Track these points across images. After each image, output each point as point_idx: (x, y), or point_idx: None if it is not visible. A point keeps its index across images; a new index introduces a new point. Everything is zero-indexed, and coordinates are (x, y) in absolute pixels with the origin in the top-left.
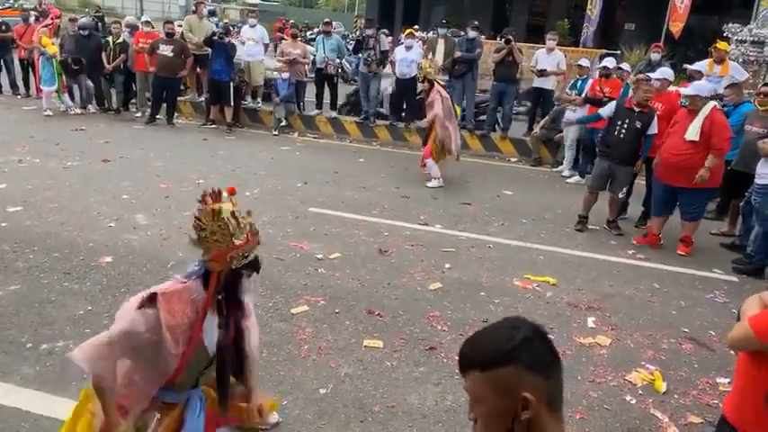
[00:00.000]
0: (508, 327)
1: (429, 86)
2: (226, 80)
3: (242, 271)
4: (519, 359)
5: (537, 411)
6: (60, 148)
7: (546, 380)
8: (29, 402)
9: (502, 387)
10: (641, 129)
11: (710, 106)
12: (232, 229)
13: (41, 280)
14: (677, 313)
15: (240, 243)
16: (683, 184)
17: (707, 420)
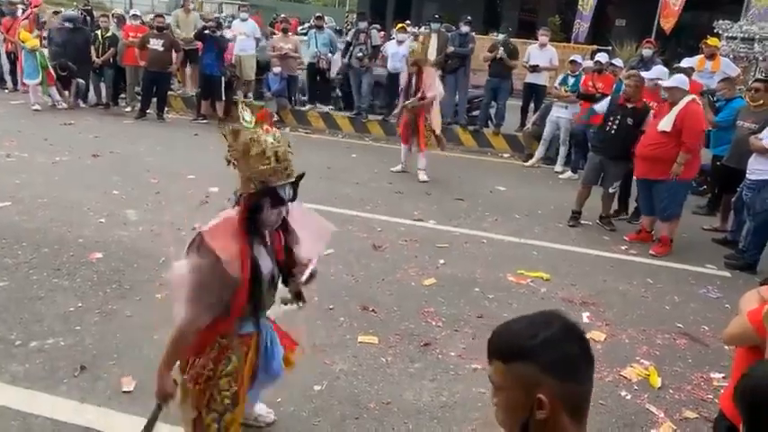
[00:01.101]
0: (539, 322)
1: (418, 70)
2: (217, 74)
3: (264, 198)
4: (539, 358)
5: (554, 414)
6: (49, 142)
7: (567, 384)
8: (18, 401)
9: (521, 382)
10: (633, 124)
11: (687, 99)
12: (254, 151)
13: (30, 276)
14: (671, 308)
15: (263, 168)
16: (654, 176)
17: (702, 415)
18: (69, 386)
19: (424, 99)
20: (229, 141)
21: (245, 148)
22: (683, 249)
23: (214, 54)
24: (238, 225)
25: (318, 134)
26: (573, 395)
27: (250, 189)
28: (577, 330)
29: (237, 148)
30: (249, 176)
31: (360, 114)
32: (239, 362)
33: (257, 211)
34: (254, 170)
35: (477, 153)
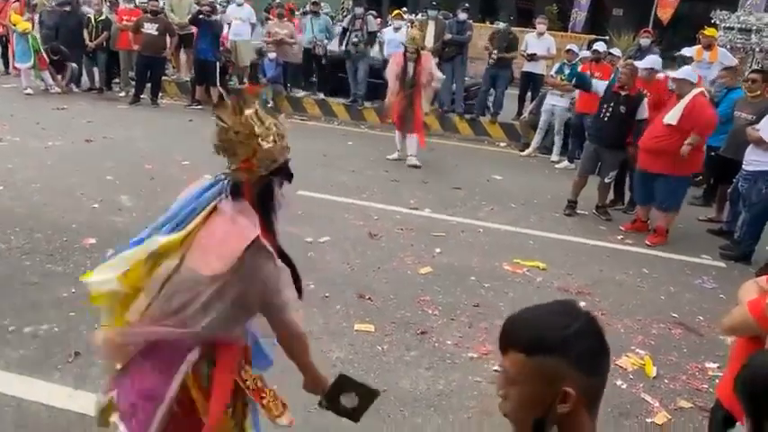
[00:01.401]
0: (564, 313)
1: (417, 57)
2: (212, 60)
3: (273, 178)
4: (569, 352)
5: (575, 407)
6: (41, 127)
7: (591, 377)
8: (12, 386)
9: (544, 376)
10: (626, 113)
11: (695, 92)
12: (257, 129)
13: (23, 262)
14: (666, 298)
15: (267, 146)
16: (657, 170)
17: (697, 405)
18: (63, 372)
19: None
20: (231, 123)
21: (248, 127)
22: (679, 240)
23: (209, 39)
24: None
25: (314, 121)
26: (594, 388)
27: (257, 172)
28: (598, 323)
29: (240, 129)
30: (253, 158)
31: (356, 101)
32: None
33: (271, 196)
34: (262, 150)
35: (474, 142)
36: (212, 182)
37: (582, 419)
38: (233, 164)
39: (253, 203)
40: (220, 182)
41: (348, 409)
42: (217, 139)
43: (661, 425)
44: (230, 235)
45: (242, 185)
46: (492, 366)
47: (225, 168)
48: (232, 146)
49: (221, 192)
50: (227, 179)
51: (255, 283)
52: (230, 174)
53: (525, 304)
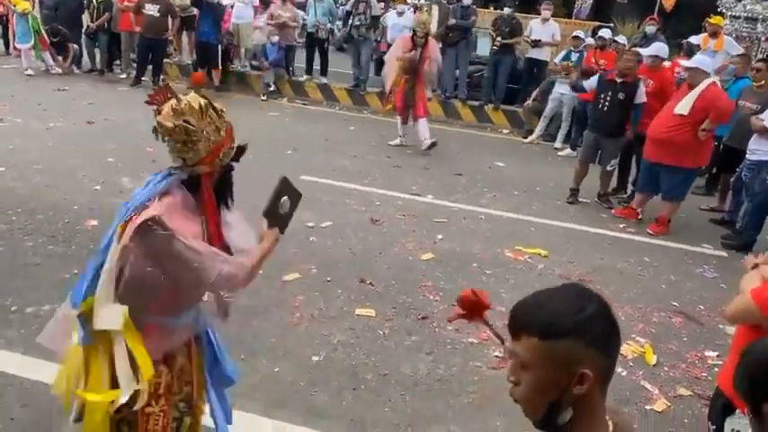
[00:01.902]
0: (577, 296)
1: (425, 42)
2: (213, 42)
3: (231, 163)
4: (585, 334)
5: (590, 388)
6: (42, 108)
7: (607, 358)
8: (14, 365)
9: (559, 359)
10: (625, 100)
11: (708, 82)
12: (217, 123)
13: (25, 242)
14: (667, 287)
15: (226, 136)
16: (665, 161)
17: (696, 393)
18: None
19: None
20: (199, 125)
21: (212, 124)
22: (681, 229)
23: (211, 21)
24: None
25: (316, 106)
26: (608, 369)
27: (219, 164)
28: (608, 304)
29: (206, 128)
30: (218, 151)
31: (358, 86)
32: (185, 359)
33: (230, 184)
34: (219, 139)
35: (477, 128)
36: (162, 177)
37: (596, 400)
38: (192, 160)
39: (209, 192)
40: (172, 175)
41: (283, 216)
42: (177, 141)
43: (660, 412)
44: (143, 213)
45: (199, 178)
46: (492, 352)
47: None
48: (195, 145)
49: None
50: (179, 173)
51: (151, 257)
52: (188, 169)
53: (526, 291)
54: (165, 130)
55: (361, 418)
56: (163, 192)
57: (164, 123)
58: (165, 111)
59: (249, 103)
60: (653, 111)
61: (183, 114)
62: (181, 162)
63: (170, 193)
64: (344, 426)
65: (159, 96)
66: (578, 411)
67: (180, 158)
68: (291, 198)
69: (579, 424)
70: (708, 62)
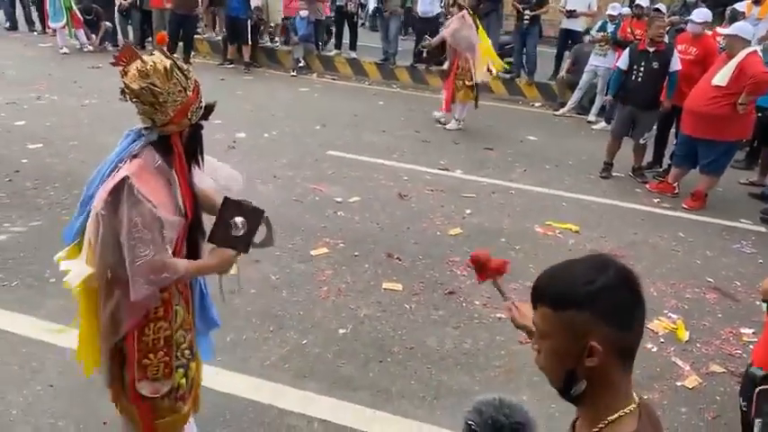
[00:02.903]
0: (593, 267)
1: (459, 11)
2: (243, 17)
3: (200, 122)
4: (594, 305)
5: (603, 361)
6: (78, 85)
7: (620, 330)
8: (53, 335)
9: (570, 329)
10: (660, 69)
11: (747, 51)
12: (183, 83)
13: (63, 216)
14: (702, 263)
15: (192, 94)
16: (704, 135)
17: (729, 370)
18: None
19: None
20: (165, 87)
21: (178, 84)
22: (718, 203)
23: None
24: (180, 166)
25: (345, 81)
26: (624, 342)
27: (187, 123)
28: (631, 276)
29: (172, 89)
30: (187, 110)
31: (387, 60)
32: (184, 311)
33: (200, 141)
34: (191, 101)
35: (509, 102)
36: (133, 137)
37: (612, 374)
38: (161, 120)
39: (180, 151)
40: (143, 137)
41: (241, 238)
42: (144, 102)
43: (691, 388)
44: (113, 177)
45: (169, 138)
46: None
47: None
48: (163, 106)
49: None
50: (150, 133)
51: (121, 221)
52: (157, 129)
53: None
54: (132, 92)
55: (387, 390)
56: (134, 153)
57: (130, 85)
58: (131, 72)
59: (279, 79)
60: (696, 80)
61: (149, 76)
62: (150, 123)
63: (140, 154)
64: (370, 397)
65: (124, 57)
66: (594, 383)
67: (149, 119)
68: (249, 217)
69: (596, 396)
70: (748, 29)
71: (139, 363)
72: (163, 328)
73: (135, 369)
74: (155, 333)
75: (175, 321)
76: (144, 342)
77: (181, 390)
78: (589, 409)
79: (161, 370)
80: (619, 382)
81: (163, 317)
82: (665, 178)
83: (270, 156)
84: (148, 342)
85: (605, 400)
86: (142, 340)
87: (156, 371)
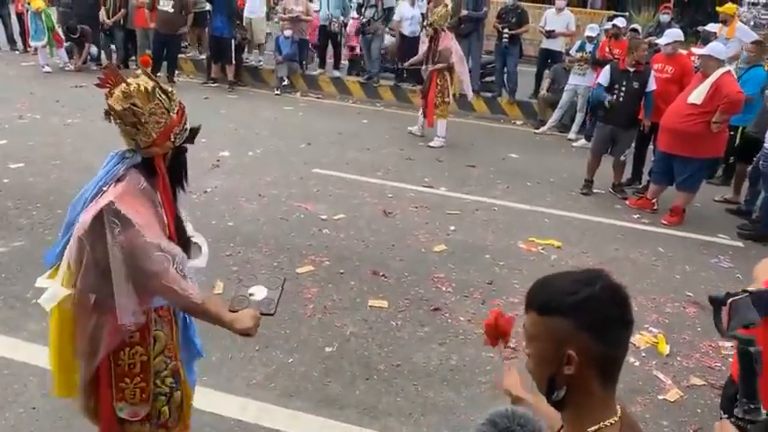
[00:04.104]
0: (582, 280)
1: (434, 34)
2: (227, 37)
3: (184, 145)
4: (575, 315)
5: (581, 372)
6: (61, 104)
7: (601, 344)
8: (36, 357)
9: (553, 336)
10: (639, 89)
11: (722, 71)
12: (167, 105)
13: (45, 237)
14: (681, 277)
15: (176, 117)
16: (680, 152)
17: (709, 382)
18: None
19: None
20: (146, 108)
21: (160, 106)
22: (696, 219)
23: (224, 16)
24: (163, 188)
25: (329, 99)
26: (604, 357)
27: (170, 146)
28: (620, 293)
29: (155, 109)
30: (169, 132)
31: (371, 79)
32: (167, 336)
33: (184, 165)
34: (174, 123)
35: (490, 120)
36: (116, 161)
37: (590, 387)
38: (144, 142)
39: (164, 174)
40: (124, 159)
41: (264, 302)
42: (127, 124)
43: (673, 402)
44: (100, 200)
45: (153, 160)
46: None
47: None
48: (145, 128)
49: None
50: (133, 156)
51: (108, 246)
52: (141, 151)
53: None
54: (115, 112)
55: (374, 407)
56: (117, 176)
57: (114, 106)
58: (115, 94)
59: (263, 97)
60: (673, 98)
61: (131, 97)
62: (133, 145)
63: (124, 177)
64: (357, 414)
65: (109, 79)
66: (574, 393)
67: (132, 141)
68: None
69: (577, 406)
70: (721, 49)
71: (116, 385)
72: (139, 353)
73: (113, 390)
74: (130, 358)
75: (153, 348)
76: (120, 366)
77: (163, 417)
78: (571, 417)
79: (137, 395)
80: (599, 395)
81: (139, 342)
82: (644, 195)
83: (254, 174)
84: (124, 366)
85: (586, 410)
86: (118, 364)
87: (133, 395)
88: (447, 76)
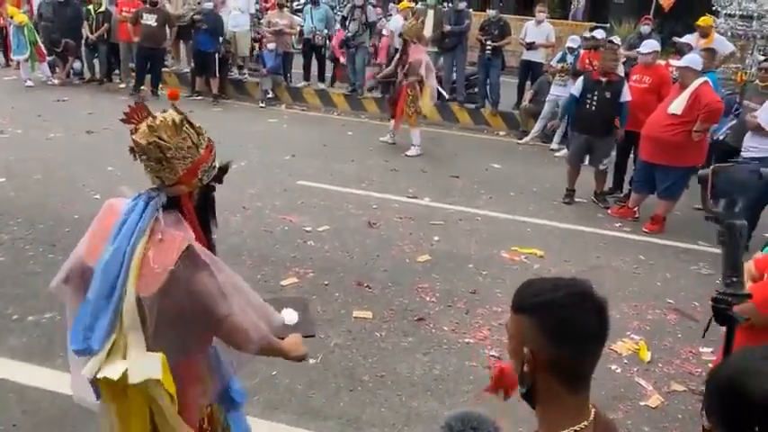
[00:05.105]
0: (552, 285)
1: (404, 46)
2: (210, 51)
3: (212, 183)
4: (536, 316)
5: (540, 372)
6: (43, 119)
7: (557, 348)
8: (16, 373)
9: (518, 333)
10: (611, 99)
11: (700, 81)
12: (195, 139)
13: (26, 252)
14: (662, 284)
15: (204, 152)
16: (661, 161)
17: (690, 388)
18: (66, 359)
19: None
20: (172, 141)
21: (188, 140)
22: (677, 226)
23: (209, 31)
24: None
25: (314, 111)
26: (560, 362)
27: (197, 183)
28: (589, 304)
29: (182, 144)
30: (196, 169)
31: (355, 91)
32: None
33: (211, 204)
34: (202, 160)
35: (474, 131)
36: (143, 204)
37: (554, 389)
38: (170, 179)
39: (191, 215)
40: (153, 199)
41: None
42: (152, 159)
43: (654, 408)
44: (162, 250)
45: (179, 199)
46: (489, 352)
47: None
48: (171, 163)
49: (155, 210)
50: (159, 195)
51: (192, 295)
52: (166, 189)
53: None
54: (140, 148)
55: (358, 418)
56: (154, 218)
57: (138, 141)
58: (141, 129)
59: (248, 110)
60: (651, 107)
61: (157, 130)
62: (158, 183)
63: (158, 219)
64: (341, 426)
65: (135, 114)
66: (539, 392)
67: (157, 179)
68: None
69: (544, 409)
70: (698, 60)
71: None
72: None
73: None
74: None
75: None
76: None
77: None
78: (540, 419)
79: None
80: (565, 399)
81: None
82: (625, 203)
83: (239, 186)
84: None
85: (554, 413)
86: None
87: None
88: (417, 87)
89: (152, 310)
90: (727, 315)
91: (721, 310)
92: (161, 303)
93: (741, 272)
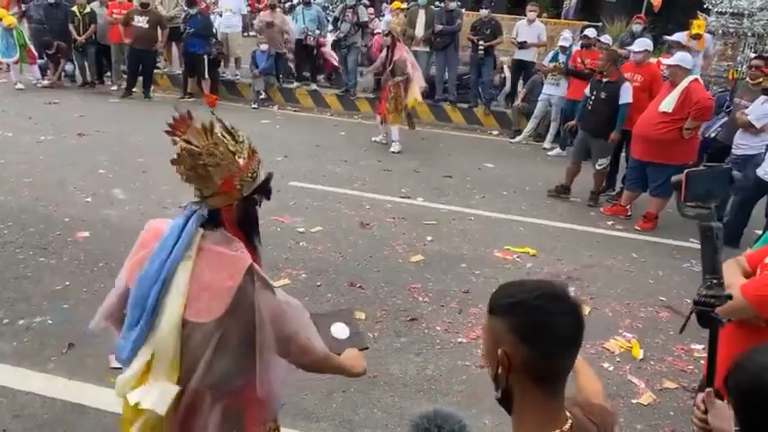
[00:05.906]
0: (525, 287)
1: (392, 43)
2: (200, 52)
3: (254, 197)
4: (508, 317)
5: (514, 374)
6: (33, 121)
7: (529, 350)
8: (6, 377)
9: (491, 334)
10: (607, 99)
11: (690, 79)
12: (231, 146)
13: (17, 255)
14: (654, 282)
15: (244, 162)
16: (651, 158)
17: (682, 385)
18: (58, 363)
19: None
20: (202, 146)
21: (222, 145)
22: (669, 224)
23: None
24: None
25: (306, 112)
26: (533, 364)
27: (238, 195)
28: (564, 306)
29: (214, 150)
30: (234, 179)
31: (348, 92)
32: None
33: (254, 219)
34: (241, 168)
35: (466, 130)
36: (184, 219)
37: (530, 393)
38: (208, 190)
39: (233, 229)
40: (194, 214)
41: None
42: (187, 167)
43: (646, 405)
44: (221, 270)
45: (219, 213)
46: (480, 351)
47: (194, 198)
48: (206, 171)
49: (196, 224)
50: (201, 209)
51: (260, 316)
52: (205, 202)
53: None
54: (178, 157)
55: (350, 420)
56: (200, 234)
57: (178, 152)
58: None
59: (240, 111)
60: (643, 106)
61: (186, 136)
62: (198, 195)
63: (205, 236)
64: (333, 427)
65: (180, 127)
66: (514, 395)
67: (197, 191)
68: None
69: (519, 412)
70: (689, 59)
71: None
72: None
73: None
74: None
75: None
76: None
77: None
78: (515, 423)
79: None
80: (543, 403)
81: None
82: (617, 201)
83: None
84: None
85: (529, 418)
86: None
87: None
88: (401, 86)
89: (213, 336)
90: (709, 317)
91: (703, 313)
92: (225, 327)
93: (721, 274)
